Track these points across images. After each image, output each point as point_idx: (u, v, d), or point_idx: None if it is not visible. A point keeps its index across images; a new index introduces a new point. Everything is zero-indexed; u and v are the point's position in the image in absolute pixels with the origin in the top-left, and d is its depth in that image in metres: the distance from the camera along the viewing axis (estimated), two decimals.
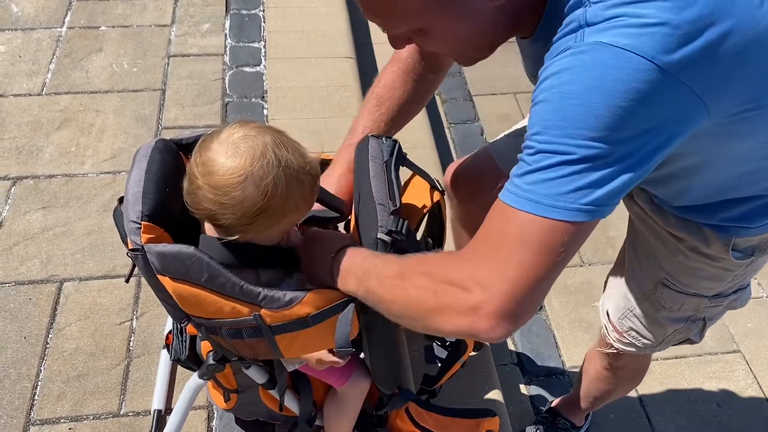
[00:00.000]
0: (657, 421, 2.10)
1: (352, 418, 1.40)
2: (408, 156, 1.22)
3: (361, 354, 1.26)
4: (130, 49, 2.90)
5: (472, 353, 1.73)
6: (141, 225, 0.97)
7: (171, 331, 1.25)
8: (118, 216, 1.05)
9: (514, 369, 2.21)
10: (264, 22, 3.11)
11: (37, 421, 1.74)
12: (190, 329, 1.18)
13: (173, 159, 1.09)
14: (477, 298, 0.81)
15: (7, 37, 2.90)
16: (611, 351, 1.50)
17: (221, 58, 2.91)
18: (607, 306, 1.46)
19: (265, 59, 2.92)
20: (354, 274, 0.98)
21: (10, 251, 2.11)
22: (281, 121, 2.63)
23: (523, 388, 2.16)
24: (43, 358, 1.86)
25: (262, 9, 3.18)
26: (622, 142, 0.78)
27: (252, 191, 0.93)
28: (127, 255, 1.00)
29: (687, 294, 1.27)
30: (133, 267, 1.05)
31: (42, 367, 1.84)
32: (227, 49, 2.96)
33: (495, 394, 1.82)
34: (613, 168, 0.79)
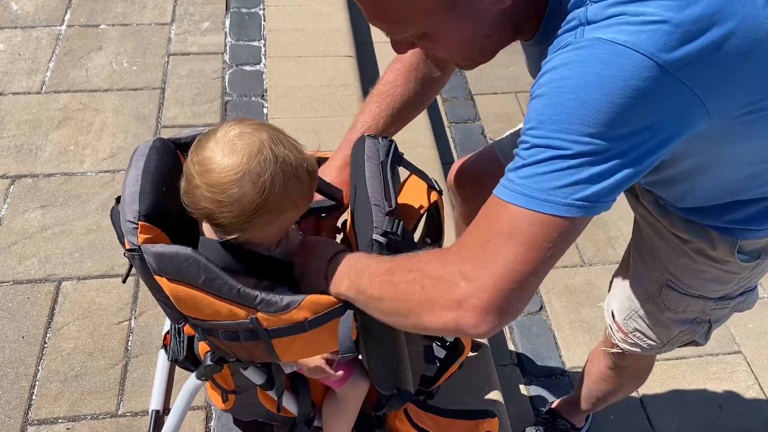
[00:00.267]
0: (658, 422, 2.09)
1: (351, 419, 1.39)
2: (408, 155, 1.21)
3: (360, 355, 1.25)
4: (129, 47, 2.89)
5: (470, 354, 1.72)
6: (138, 225, 0.97)
7: (169, 332, 1.24)
8: (115, 215, 1.05)
9: (514, 369, 2.20)
10: (264, 21, 3.10)
11: (35, 421, 1.73)
12: (188, 330, 1.17)
13: (171, 158, 1.09)
14: (463, 291, 0.80)
15: (7, 35, 2.90)
16: (616, 351, 1.49)
17: (221, 56, 2.90)
18: (612, 306, 1.45)
19: (265, 58, 2.91)
20: (347, 276, 0.97)
21: (9, 250, 2.11)
22: (281, 120, 2.62)
23: (523, 389, 2.16)
24: (40, 358, 1.86)
25: (262, 7, 3.17)
26: (618, 139, 0.77)
27: (249, 188, 0.92)
28: (124, 255, 1.00)
29: (692, 296, 1.26)
30: (130, 267, 1.05)
31: (40, 367, 1.84)
32: (227, 47, 2.95)
33: (495, 395, 1.81)
34: (608, 165, 0.78)
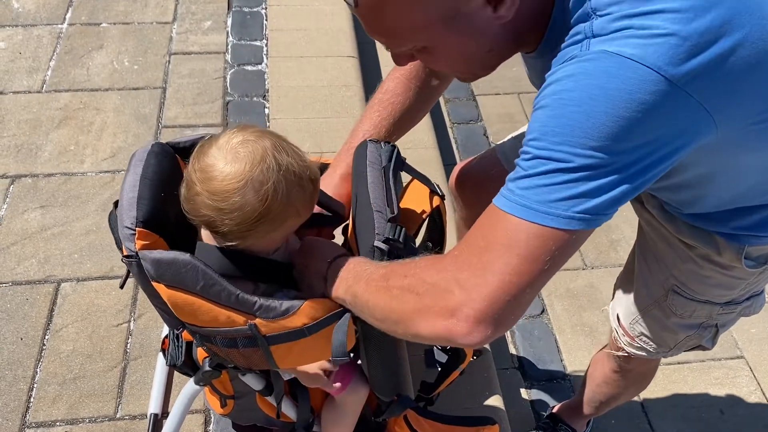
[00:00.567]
0: (659, 427, 2.08)
1: (350, 425, 1.38)
2: (410, 155, 1.20)
3: (359, 361, 1.24)
4: (131, 46, 2.88)
5: (471, 359, 1.71)
6: (135, 231, 0.96)
7: (168, 336, 1.24)
8: (113, 220, 1.04)
9: (515, 373, 2.19)
10: (266, 20, 3.09)
11: (33, 424, 1.72)
12: (186, 335, 1.16)
13: (169, 163, 1.08)
14: (457, 299, 0.80)
15: (8, 34, 2.89)
16: (622, 354, 1.48)
17: (223, 56, 2.89)
18: (617, 310, 1.45)
19: (266, 58, 2.90)
20: (345, 280, 0.97)
21: (8, 251, 2.10)
22: (282, 121, 2.61)
23: (524, 393, 2.14)
24: (39, 360, 1.85)
25: (264, 7, 3.16)
26: (622, 152, 0.76)
27: (252, 197, 0.91)
28: (121, 261, 0.99)
29: (698, 301, 1.25)
30: (128, 273, 1.04)
31: (38, 369, 1.83)
32: (229, 47, 2.94)
33: (495, 399, 1.80)
34: (611, 178, 0.77)
